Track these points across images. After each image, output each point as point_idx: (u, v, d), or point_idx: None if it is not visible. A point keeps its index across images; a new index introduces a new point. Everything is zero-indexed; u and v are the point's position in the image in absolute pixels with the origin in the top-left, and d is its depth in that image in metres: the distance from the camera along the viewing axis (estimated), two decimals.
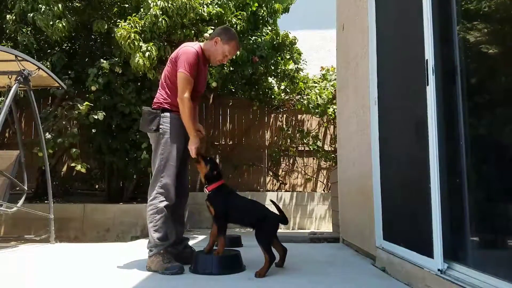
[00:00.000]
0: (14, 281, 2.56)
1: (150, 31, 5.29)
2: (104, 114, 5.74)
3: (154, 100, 2.99)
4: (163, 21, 5.22)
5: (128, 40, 5.00)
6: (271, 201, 3.15)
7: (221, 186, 2.81)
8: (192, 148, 2.84)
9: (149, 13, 5.25)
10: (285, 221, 2.82)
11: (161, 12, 5.24)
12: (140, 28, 5.23)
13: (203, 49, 3.03)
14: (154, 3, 5.31)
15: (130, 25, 5.17)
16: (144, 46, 5.12)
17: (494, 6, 1.85)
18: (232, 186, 2.92)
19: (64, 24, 5.36)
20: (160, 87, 3.01)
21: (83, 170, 5.81)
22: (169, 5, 5.28)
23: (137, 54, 5.04)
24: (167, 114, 2.88)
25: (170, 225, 2.88)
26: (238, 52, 5.97)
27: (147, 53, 5.10)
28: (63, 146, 5.99)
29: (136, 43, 5.04)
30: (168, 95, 2.92)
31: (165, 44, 5.61)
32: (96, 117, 5.62)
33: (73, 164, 5.96)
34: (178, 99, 2.83)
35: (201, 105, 7.19)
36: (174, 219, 2.97)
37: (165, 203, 2.80)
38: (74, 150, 5.94)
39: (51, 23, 5.33)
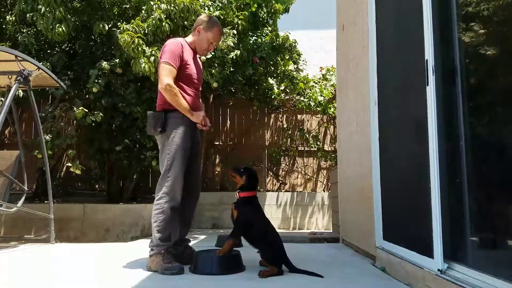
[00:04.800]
0: (14, 281, 2.56)
1: (154, 34, 5.29)
2: (102, 115, 5.73)
3: (157, 103, 3.00)
4: (166, 25, 5.22)
5: (132, 46, 5.00)
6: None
7: (252, 198, 2.79)
8: (199, 121, 2.88)
9: (152, 17, 5.24)
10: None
11: (165, 16, 5.24)
12: (143, 31, 5.22)
13: (189, 42, 3.07)
14: (157, 6, 5.30)
15: (133, 29, 5.15)
16: (148, 51, 5.11)
17: (493, 7, 1.84)
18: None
19: (64, 28, 5.35)
20: None
21: (78, 172, 5.80)
22: (172, 8, 5.27)
23: (142, 59, 5.02)
24: (170, 114, 2.87)
25: (174, 226, 2.88)
26: (237, 52, 5.99)
27: (152, 58, 5.10)
28: (61, 147, 6.00)
29: (140, 48, 5.04)
30: None
31: None
32: (93, 118, 5.62)
33: (68, 164, 5.97)
34: (160, 89, 2.85)
35: None
36: (181, 219, 2.99)
37: (170, 203, 2.80)
38: (70, 151, 5.95)
39: (51, 27, 5.32)
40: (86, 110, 5.61)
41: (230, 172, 2.90)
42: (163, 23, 5.22)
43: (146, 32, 5.25)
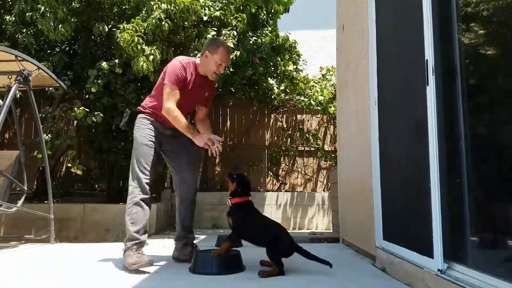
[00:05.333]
0: (13, 281, 2.56)
1: (153, 33, 5.29)
2: (102, 115, 5.73)
3: None
4: (166, 24, 5.22)
5: (132, 44, 5.00)
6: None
7: (243, 203, 2.78)
8: (202, 145, 2.91)
9: (152, 16, 5.24)
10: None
11: (165, 16, 5.25)
12: (143, 31, 5.22)
13: (198, 64, 3.09)
14: (157, 6, 5.30)
15: (134, 28, 5.15)
16: (147, 50, 5.11)
17: (493, 7, 1.85)
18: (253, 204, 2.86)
19: (67, 28, 5.36)
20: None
21: (79, 172, 5.80)
22: (172, 7, 5.28)
23: (141, 58, 5.03)
24: (139, 115, 3.07)
25: (146, 220, 2.95)
26: (237, 53, 5.99)
27: (151, 57, 5.09)
28: (60, 147, 6.00)
29: (139, 47, 5.04)
30: (146, 100, 3.14)
31: (167, 45, 5.62)
32: (94, 119, 5.62)
33: (69, 165, 5.97)
34: (163, 111, 2.93)
35: None
36: (181, 227, 3.13)
37: (140, 196, 2.90)
38: (70, 152, 5.94)
39: (53, 27, 5.31)
40: (87, 110, 5.61)
41: (226, 179, 2.94)
42: (163, 23, 5.22)
43: (146, 31, 5.25)
